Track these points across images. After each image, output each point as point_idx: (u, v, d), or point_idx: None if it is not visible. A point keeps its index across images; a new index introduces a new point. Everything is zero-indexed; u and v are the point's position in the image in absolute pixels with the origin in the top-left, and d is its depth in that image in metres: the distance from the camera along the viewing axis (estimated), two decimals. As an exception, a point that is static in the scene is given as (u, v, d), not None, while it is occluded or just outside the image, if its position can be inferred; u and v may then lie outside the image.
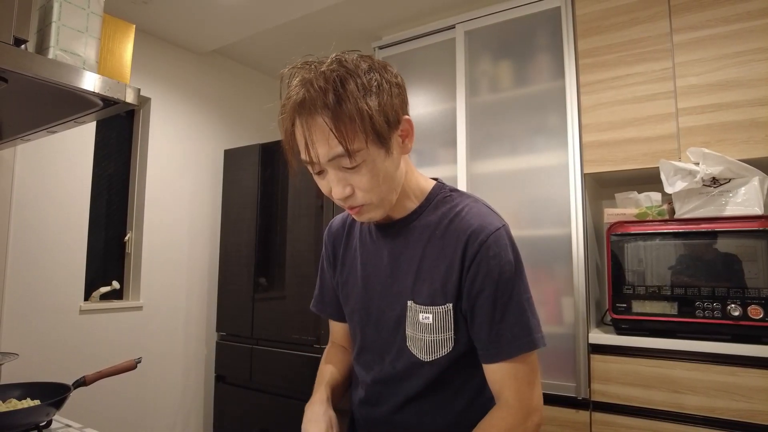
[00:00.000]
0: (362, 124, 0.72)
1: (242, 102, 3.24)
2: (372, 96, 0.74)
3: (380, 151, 0.77)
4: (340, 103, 0.71)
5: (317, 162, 0.76)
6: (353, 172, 0.76)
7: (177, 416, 2.75)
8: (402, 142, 0.82)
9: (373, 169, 0.77)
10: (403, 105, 0.81)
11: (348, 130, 0.72)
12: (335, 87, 0.72)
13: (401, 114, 0.80)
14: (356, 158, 0.74)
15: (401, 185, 0.85)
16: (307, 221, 2.51)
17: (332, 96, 0.71)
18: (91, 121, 1.33)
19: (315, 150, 0.74)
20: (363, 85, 0.73)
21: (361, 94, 0.73)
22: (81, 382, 1.17)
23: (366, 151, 0.74)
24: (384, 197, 0.81)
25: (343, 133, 0.72)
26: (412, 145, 0.84)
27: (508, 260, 0.82)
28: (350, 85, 0.72)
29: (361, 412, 0.97)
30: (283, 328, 2.54)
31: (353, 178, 0.77)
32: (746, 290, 1.50)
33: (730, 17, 1.65)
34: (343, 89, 0.72)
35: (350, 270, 0.98)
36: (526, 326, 0.81)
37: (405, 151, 0.84)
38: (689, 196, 1.67)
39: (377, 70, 0.77)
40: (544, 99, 1.98)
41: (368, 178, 0.77)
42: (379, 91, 0.75)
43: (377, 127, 0.74)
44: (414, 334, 0.86)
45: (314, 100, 0.72)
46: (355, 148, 0.73)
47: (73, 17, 1.06)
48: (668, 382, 1.56)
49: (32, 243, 2.18)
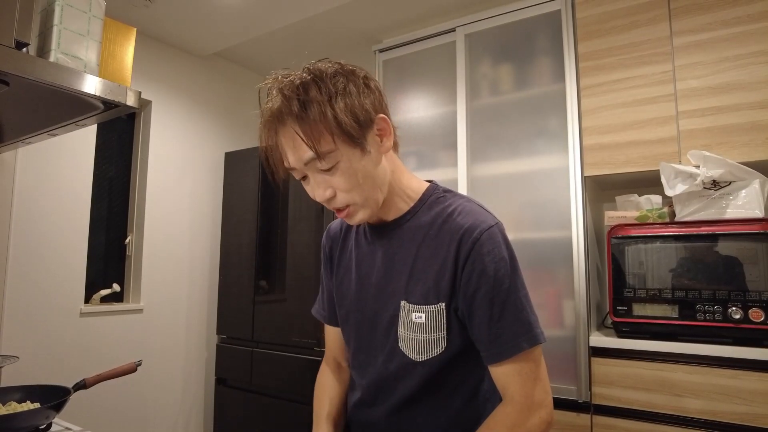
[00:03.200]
0: (327, 126, 0.75)
1: (243, 105, 3.25)
2: (337, 98, 0.77)
3: (354, 151, 0.78)
4: (305, 108, 0.75)
5: (296, 167, 0.80)
6: (330, 174, 0.79)
7: (177, 419, 2.75)
8: (380, 140, 0.83)
9: (349, 169, 0.79)
10: (375, 104, 0.82)
11: (314, 133, 0.75)
12: (298, 94, 0.75)
13: (374, 113, 0.81)
14: (328, 159, 0.77)
15: (387, 184, 0.86)
16: (308, 224, 2.51)
17: (296, 103, 0.75)
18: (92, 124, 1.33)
19: (290, 156, 0.79)
20: (327, 89, 0.77)
21: (326, 98, 0.76)
22: (81, 385, 1.17)
23: (338, 152, 0.77)
24: (368, 196, 0.82)
25: (311, 137, 0.75)
26: (391, 143, 0.85)
27: (503, 257, 0.82)
28: (312, 90, 0.76)
29: (357, 415, 0.97)
30: (283, 331, 2.53)
31: (332, 180, 0.80)
32: (747, 293, 1.50)
33: (730, 20, 1.65)
34: (306, 94, 0.75)
35: (345, 272, 0.99)
36: (526, 323, 0.81)
37: (384, 150, 0.84)
38: (690, 198, 1.67)
39: (344, 74, 0.80)
40: (544, 102, 1.98)
41: (345, 178, 0.79)
42: (345, 94, 0.78)
43: (345, 128, 0.76)
44: (406, 334, 0.86)
45: (281, 109, 0.76)
46: (324, 150, 0.76)
47: (75, 20, 1.06)
48: (669, 385, 1.55)
49: (33, 245, 2.18)
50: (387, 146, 0.84)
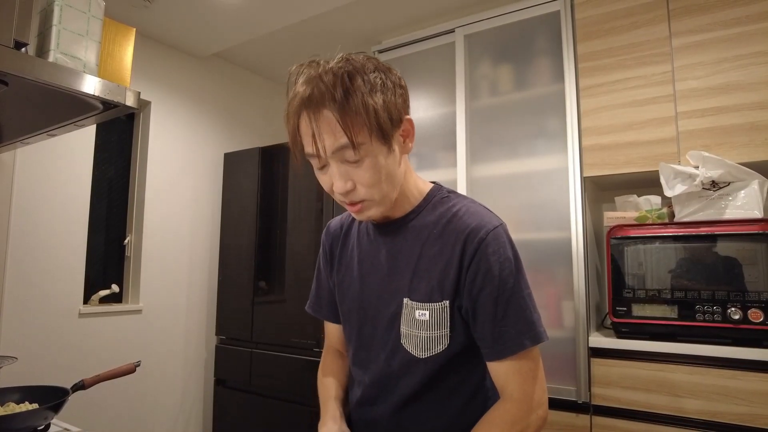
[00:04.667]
0: (368, 118, 0.75)
1: (242, 105, 3.25)
2: (377, 93, 0.77)
3: (383, 148, 0.79)
4: (347, 96, 0.74)
5: (322, 155, 0.78)
6: (355, 166, 0.78)
7: (176, 420, 2.74)
8: (403, 141, 0.85)
9: (375, 165, 0.79)
10: (405, 105, 0.84)
11: (354, 123, 0.75)
12: (343, 81, 0.75)
13: (403, 113, 0.83)
14: (360, 151, 0.76)
15: (401, 184, 0.87)
16: (307, 224, 2.51)
17: (340, 90, 0.74)
18: (91, 125, 1.33)
19: (321, 141, 0.76)
20: (369, 82, 0.77)
21: (368, 90, 0.76)
22: (80, 385, 1.17)
23: (369, 145, 0.77)
24: (385, 194, 0.83)
25: (349, 126, 0.74)
26: (412, 145, 0.87)
27: (507, 257, 0.83)
28: (357, 80, 0.76)
29: (358, 413, 0.97)
30: (282, 332, 2.53)
31: (355, 173, 0.79)
32: (746, 294, 1.50)
33: (729, 21, 1.66)
34: (351, 84, 0.75)
35: (347, 269, 0.99)
36: (529, 321, 0.82)
37: (406, 151, 0.86)
38: (689, 199, 1.67)
39: (382, 71, 0.81)
40: (543, 102, 1.98)
41: (370, 174, 0.79)
42: (384, 90, 0.78)
43: (381, 123, 0.77)
44: (409, 332, 0.86)
45: (323, 94, 0.74)
46: (360, 141, 0.75)
47: (74, 20, 1.06)
48: (669, 385, 1.55)
49: (32, 246, 2.18)
50: (408, 147, 0.86)
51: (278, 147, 2.73)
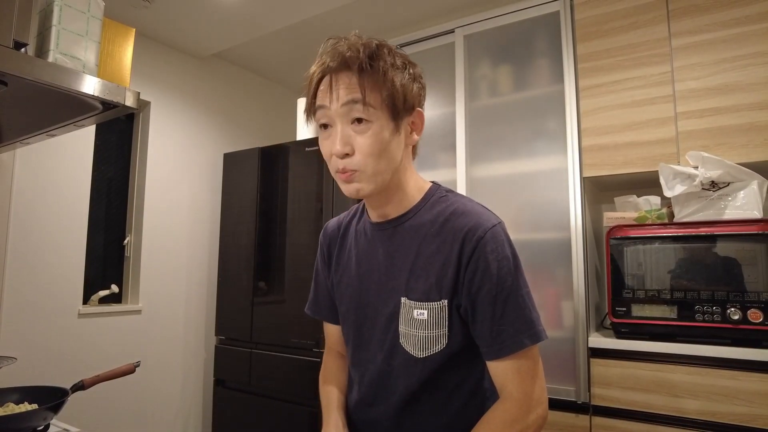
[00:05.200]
0: (384, 88, 0.80)
1: (242, 106, 3.25)
2: (398, 72, 0.82)
3: (389, 123, 0.82)
4: (371, 61, 0.80)
5: (332, 106, 0.81)
6: (359, 132, 0.81)
7: (176, 420, 2.74)
8: (410, 131, 0.87)
9: (378, 135, 0.81)
10: (419, 97, 0.87)
11: (370, 86, 0.80)
12: (370, 51, 0.81)
13: (416, 104, 0.86)
14: (368, 113, 0.80)
15: (396, 171, 0.87)
16: (307, 225, 2.51)
17: (366, 54, 0.80)
18: (90, 125, 1.33)
19: (336, 92, 0.80)
20: (393, 62, 0.83)
21: (390, 66, 0.82)
22: (79, 386, 1.17)
23: (377, 112, 0.80)
24: (378, 171, 0.83)
25: (365, 86, 0.79)
26: (418, 138, 0.90)
27: (506, 255, 0.83)
28: (383, 53, 0.82)
29: (357, 414, 0.97)
30: (282, 332, 2.53)
31: (357, 139, 0.81)
32: (746, 294, 1.50)
33: (728, 21, 1.66)
34: (376, 54, 0.81)
35: (345, 269, 0.99)
36: (528, 320, 0.82)
37: (411, 142, 0.89)
38: (688, 199, 1.68)
39: (404, 58, 0.86)
40: (543, 103, 1.98)
41: (370, 142, 0.81)
42: (404, 73, 0.84)
43: (395, 99, 0.81)
44: (407, 331, 0.86)
45: (349, 58, 0.80)
46: (370, 101, 0.79)
47: (74, 21, 1.06)
48: (668, 386, 1.55)
49: (31, 246, 2.18)
50: (414, 139, 0.89)
51: (278, 147, 2.73)
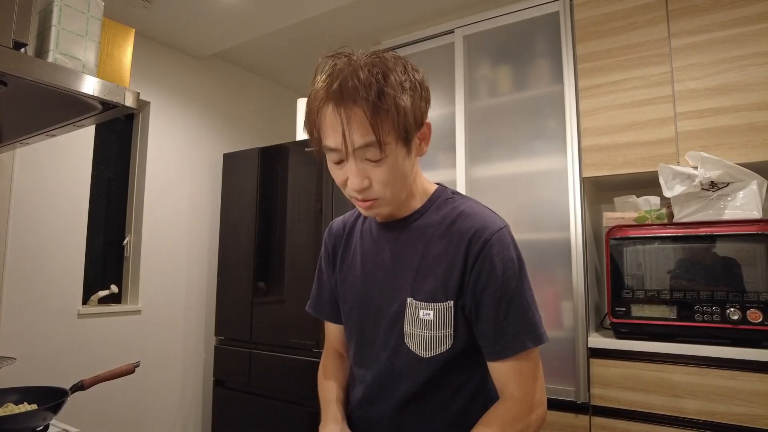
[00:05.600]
0: (397, 119, 0.76)
1: (242, 106, 3.24)
2: (407, 94, 0.78)
3: (403, 150, 0.80)
4: (380, 95, 0.74)
5: (345, 149, 0.77)
6: (375, 165, 0.79)
7: (175, 420, 2.74)
8: (419, 144, 0.86)
9: (394, 165, 0.80)
10: (427, 108, 0.85)
11: (383, 123, 0.75)
12: (378, 80, 0.75)
13: (425, 117, 0.84)
14: (384, 151, 0.77)
15: (410, 185, 0.88)
16: (307, 225, 2.51)
17: (375, 88, 0.74)
18: (90, 125, 1.33)
19: (350, 137, 0.76)
20: (401, 83, 0.77)
21: (399, 92, 0.76)
22: (79, 386, 1.17)
23: (393, 146, 0.78)
24: (397, 194, 0.84)
25: (379, 125, 0.75)
26: (427, 148, 0.88)
27: (511, 258, 0.84)
28: (391, 79, 0.76)
29: (359, 412, 0.97)
30: (282, 332, 2.53)
31: (373, 171, 0.79)
32: (745, 294, 1.50)
33: (727, 22, 1.66)
34: (385, 83, 0.75)
35: (350, 269, 0.99)
36: (531, 322, 0.82)
37: (420, 153, 0.87)
38: (688, 200, 1.68)
39: (411, 72, 0.81)
40: (543, 103, 1.99)
41: (388, 173, 0.80)
42: (413, 91, 0.79)
43: (407, 125, 0.78)
44: (413, 331, 0.87)
45: (357, 89, 0.74)
46: (386, 141, 0.76)
47: (73, 21, 1.06)
48: (668, 386, 1.55)
49: (31, 246, 2.18)
50: (423, 150, 0.87)
51: (277, 147, 2.73)
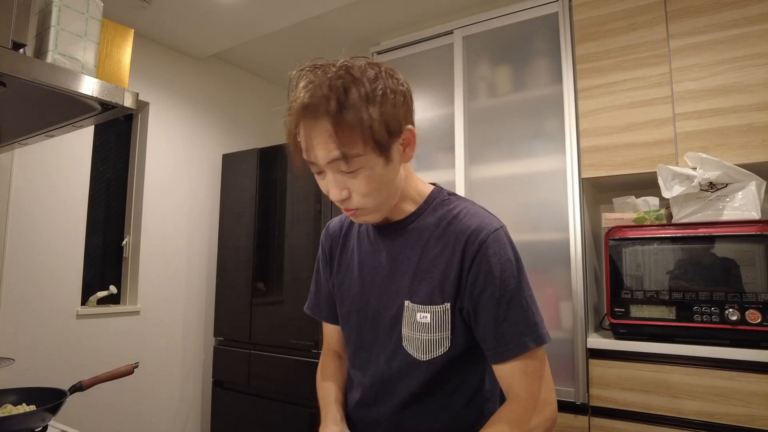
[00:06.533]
0: (362, 132, 0.74)
1: (241, 106, 3.24)
2: (374, 105, 0.75)
3: (379, 159, 0.78)
4: (341, 110, 0.73)
5: (317, 163, 0.78)
6: (351, 176, 0.78)
7: (175, 421, 2.74)
8: (403, 150, 0.84)
9: (370, 176, 0.78)
10: (406, 114, 0.83)
11: (347, 137, 0.74)
12: (338, 94, 0.73)
13: (404, 123, 0.82)
14: (354, 163, 0.76)
15: (401, 191, 0.87)
16: (306, 226, 2.51)
17: (335, 102, 0.73)
18: (89, 125, 1.33)
19: (315, 152, 0.77)
20: (366, 94, 0.75)
21: (364, 103, 0.74)
22: (78, 387, 1.17)
23: (364, 157, 0.76)
24: (381, 202, 0.83)
25: (343, 139, 0.73)
26: (413, 153, 0.86)
27: (508, 258, 0.83)
28: (353, 93, 0.74)
29: (357, 414, 0.97)
30: (281, 333, 2.53)
31: (350, 182, 0.79)
32: (744, 295, 1.50)
33: (726, 23, 1.66)
34: (346, 96, 0.73)
35: (347, 271, 0.99)
36: (531, 323, 0.81)
37: (405, 159, 0.86)
38: (687, 200, 1.68)
39: (384, 79, 0.78)
40: (542, 104, 1.99)
41: (365, 184, 0.79)
42: (383, 101, 0.76)
43: (377, 136, 0.75)
44: (410, 334, 0.86)
45: (317, 105, 0.73)
46: (353, 153, 0.75)
47: (72, 21, 1.06)
48: (667, 386, 1.55)
49: (29, 247, 2.17)
50: (408, 156, 0.85)
51: (277, 148, 2.73)
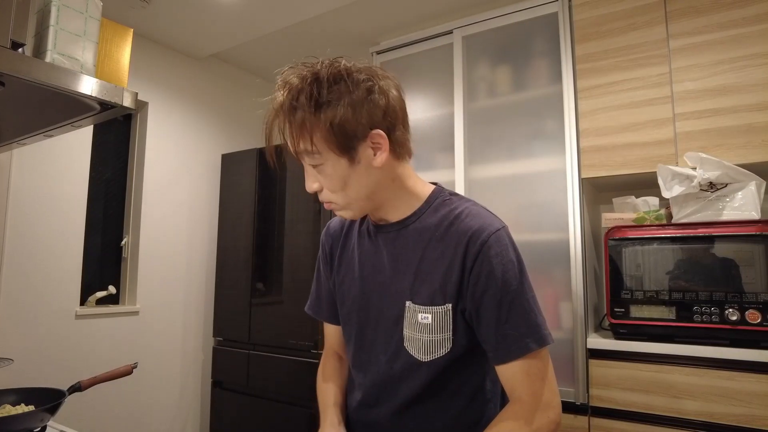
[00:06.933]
0: (309, 131, 0.79)
1: (240, 106, 3.24)
2: (327, 108, 0.78)
3: (340, 159, 0.81)
4: (293, 110, 0.79)
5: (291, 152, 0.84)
6: (318, 170, 0.83)
7: (174, 422, 2.73)
8: (373, 154, 0.81)
9: (332, 174, 0.82)
10: (374, 117, 0.80)
11: (297, 133, 0.80)
12: (291, 97, 0.79)
13: (368, 127, 0.80)
14: (312, 158, 0.82)
15: (381, 192, 0.87)
16: (305, 226, 2.51)
17: (287, 103, 0.80)
18: (88, 125, 1.32)
19: (288, 141, 0.83)
20: (317, 98, 0.77)
21: (312, 108, 0.78)
22: (76, 387, 1.17)
23: (321, 155, 0.81)
24: (350, 201, 0.85)
25: (294, 135, 0.81)
26: (384, 158, 0.82)
27: (510, 259, 0.83)
28: (302, 97, 0.78)
29: (358, 415, 0.97)
30: (280, 333, 2.53)
31: (319, 176, 0.84)
32: (744, 295, 1.50)
33: (726, 23, 1.66)
34: (296, 100, 0.79)
35: (347, 271, 0.99)
36: (533, 324, 0.81)
37: (376, 164, 0.82)
38: (686, 200, 1.68)
39: (348, 83, 0.79)
40: (541, 104, 1.99)
41: (329, 180, 0.83)
42: (338, 104, 0.78)
43: (337, 137, 0.78)
44: (412, 335, 0.86)
45: (290, 100, 0.80)
46: (302, 149, 0.81)
47: (71, 21, 1.06)
48: (667, 386, 1.55)
49: (28, 247, 2.17)
50: (380, 161, 0.82)
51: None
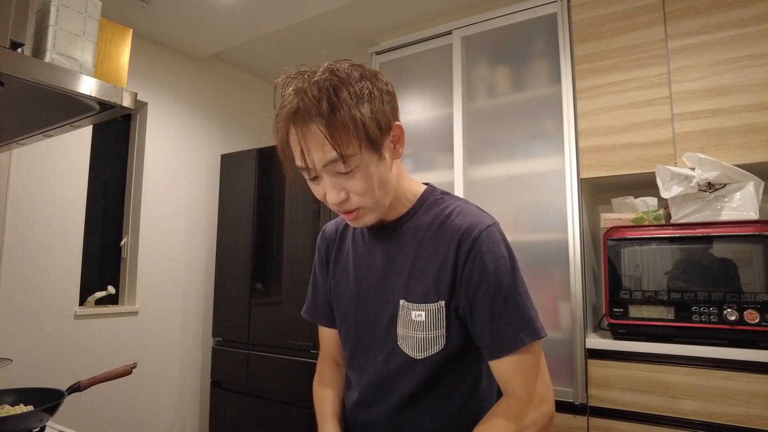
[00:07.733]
0: (356, 130, 0.75)
1: (239, 107, 3.24)
2: (364, 104, 0.77)
3: (373, 157, 0.79)
4: (333, 111, 0.74)
5: (312, 168, 0.78)
6: (347, 177, 0.79)
7: (173, 422, 2.73)
8: (393, 147, 0.85)
9: (366, 174, 0.79)
10: (393, 111, 0.83)
11: (342, 137, 0.74)
12: (329, 96, 0.74)
13: (392, 120, 0.83)
14: (350, 163, 0.77)
15: (394, 189, 0.88)
16: (304, 226, 2.51)
17: (326, 104, 0.74)
18: (87, 125, 1.32)
19: (310, 156, 0.77)
20: (355, 93, 0.76)
21: (354, 102, 0.75)
22: (75, 387, 1.17)
23: (359, 156, 0.77)
24: (378, 200, 0.83)
25: (338, 140, 0.74)
26: (403, 150, 0.86)
27: (502, 255, 0.83)
28: (343, 93, 0.75)
29: (355, 415, 0.97)
30: (279, 334, 2.53)
31: (348, 183, 0.79)
32: (742, 295, 1.50)
33: (725, 23, 1.66)
34: (336, 98, 0.74)
35: (343, 273, 0.99)
36: (527, 318, 0.82)
37: (396, 156, 0.86)
38: (685, 201, 1.68)
39: (368, 79, 0.80)
40: (540, 104, 1.99)
41: (362, 183, 0.79)
42: (371, 99, 0.78)
43: (370, 134, 0.77)
44: (406, 333, 0.87)
45: (309, 108, 0.74)
46: (349, 153, 0.76)
47: (71, 21, 1.06)
48: (665, 386, 1.55)
49: (27, 247, 2.17)
50: (399, 152, 0.86)
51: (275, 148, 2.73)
